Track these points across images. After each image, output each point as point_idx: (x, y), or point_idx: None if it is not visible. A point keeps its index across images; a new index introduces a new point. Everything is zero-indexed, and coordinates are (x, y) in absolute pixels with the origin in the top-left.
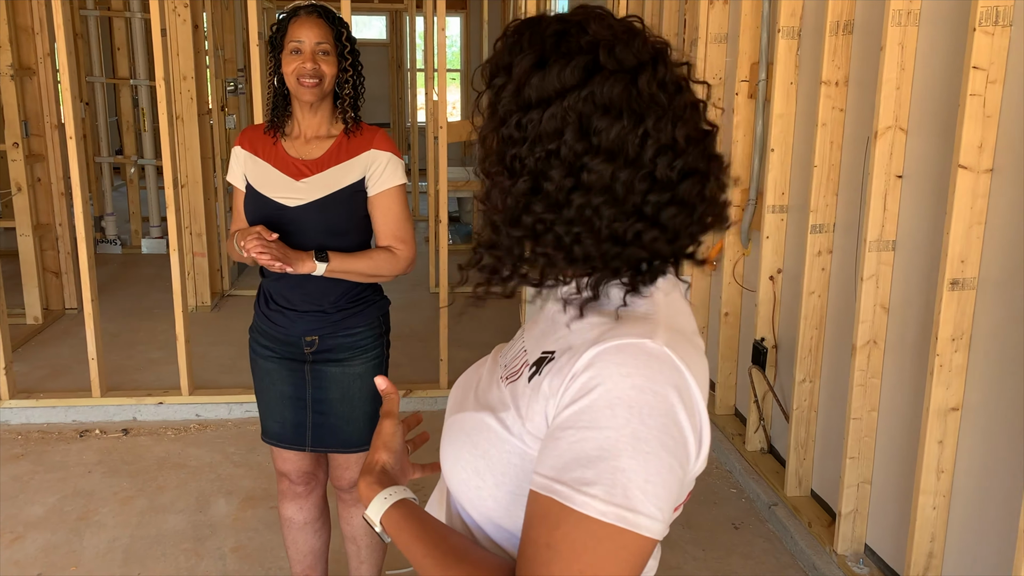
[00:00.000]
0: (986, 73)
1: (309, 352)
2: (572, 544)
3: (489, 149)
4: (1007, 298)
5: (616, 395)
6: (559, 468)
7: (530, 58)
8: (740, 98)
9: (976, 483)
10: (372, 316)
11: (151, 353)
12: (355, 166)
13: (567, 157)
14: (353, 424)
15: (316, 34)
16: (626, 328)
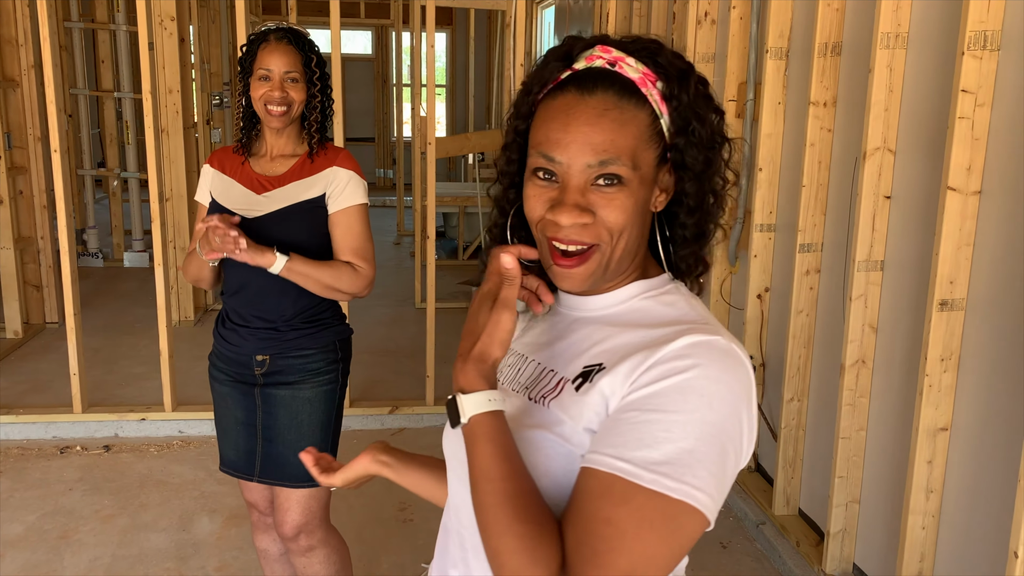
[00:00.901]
0: (974, 96)
1: (260, 373)
2: (638, 521)
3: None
4: (995, 319)
5: (689, 383)
6: (623, 446)
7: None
8: (728, 118)
9: (965, 503)
10: (327, 340)
11: (133, 368)
12: (316, 182)
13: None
14: (286, 448)
15: (285, 62)
16: (695, 327)
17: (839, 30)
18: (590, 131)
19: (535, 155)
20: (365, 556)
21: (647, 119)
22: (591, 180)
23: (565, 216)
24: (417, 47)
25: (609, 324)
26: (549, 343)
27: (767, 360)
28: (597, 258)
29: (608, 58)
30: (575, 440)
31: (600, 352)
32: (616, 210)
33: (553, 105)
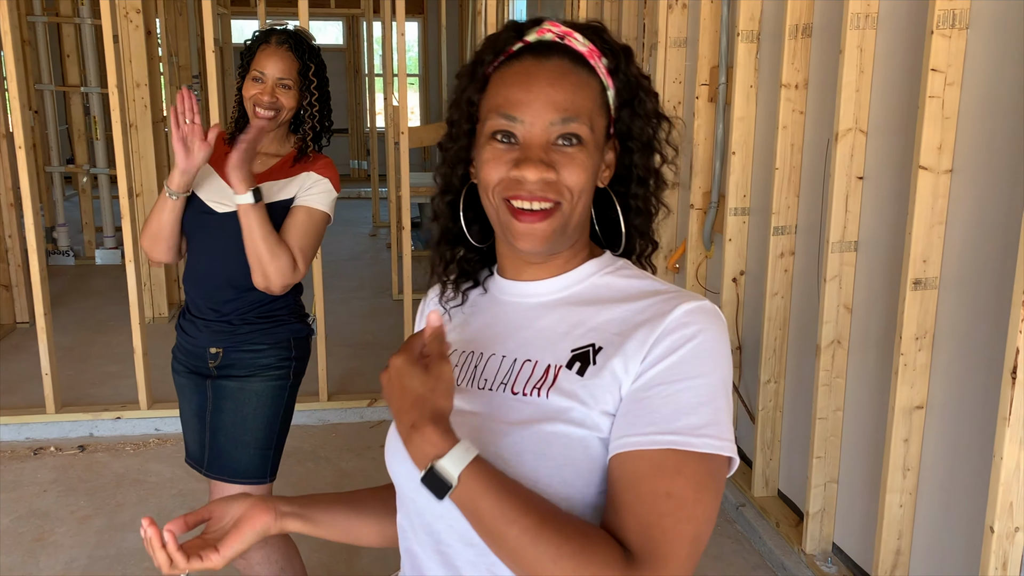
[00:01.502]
0: (944, 75)
1: (213, 366)
2: (696, 486)
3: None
4: (969, 297)
5: (700, 348)
6: (662, 421)
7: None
8: (700, 102)
9: (942, 480)
10: (281, 336)
11: (107, 367)
12: (291, 185)
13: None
14: (243, 450)
15: (280, 68)
16: (679, 294)
17: (809, 12)
18: (551, 90)
19: (494, 118)
20: (347, 549)
21: (597, 87)
22: (552, 139)
23: (531, 171)
24: (388, 36)
25: (579, 304)
26: (508, 334)
27: (743, 343)
28: (559, 216)
29: (557, 32)
30: (590, 423)
31: (586, 332)
32: (577, 169)
33: (510, 71)
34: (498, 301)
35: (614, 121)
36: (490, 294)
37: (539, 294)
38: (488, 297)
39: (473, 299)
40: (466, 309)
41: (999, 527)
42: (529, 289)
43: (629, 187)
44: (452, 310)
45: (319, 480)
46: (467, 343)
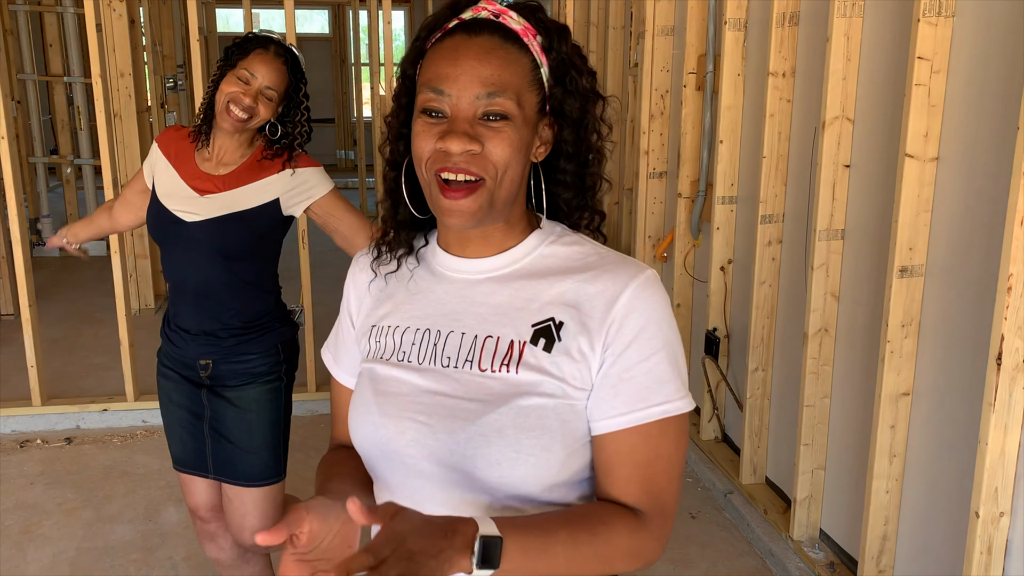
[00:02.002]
0: (930, 63)
1: (205, 376)
2: (676, 440)
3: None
4: (954, 284)
5: (659, 320)
6: (648, 394)
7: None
8: (688, 90)
9: (927, 466)
10: (268, 344)
11: (94, 358)
12: (269, 187)
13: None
14: (255, 455)
15: (271, 78)
16: (621, 263)
17: (796, 0)
18: (478, 65)
19: (424, 92)
20: None
21: (529, 64)
22: (479, 114)
23: (455, 143)
24: (375, 25)
25: (529, 277)
26: (464, 310)
27: (731, 331)
28: (483, 192)
29: (492, 10)
30: (560, 393)
31: (543, 307)
32: (502, 143)
33: (442, 47)
34: (446, 278)
35: (548, 98)
36: (434, 270)
37: (488, 270)
38: (433, 273)
39: (415, 274)
40: (409, 285)
41: (984, 512)
42: (477, 266)
43: (559, 162)
44: (387, 277)
45: (309, 471)
46: (421, 319)
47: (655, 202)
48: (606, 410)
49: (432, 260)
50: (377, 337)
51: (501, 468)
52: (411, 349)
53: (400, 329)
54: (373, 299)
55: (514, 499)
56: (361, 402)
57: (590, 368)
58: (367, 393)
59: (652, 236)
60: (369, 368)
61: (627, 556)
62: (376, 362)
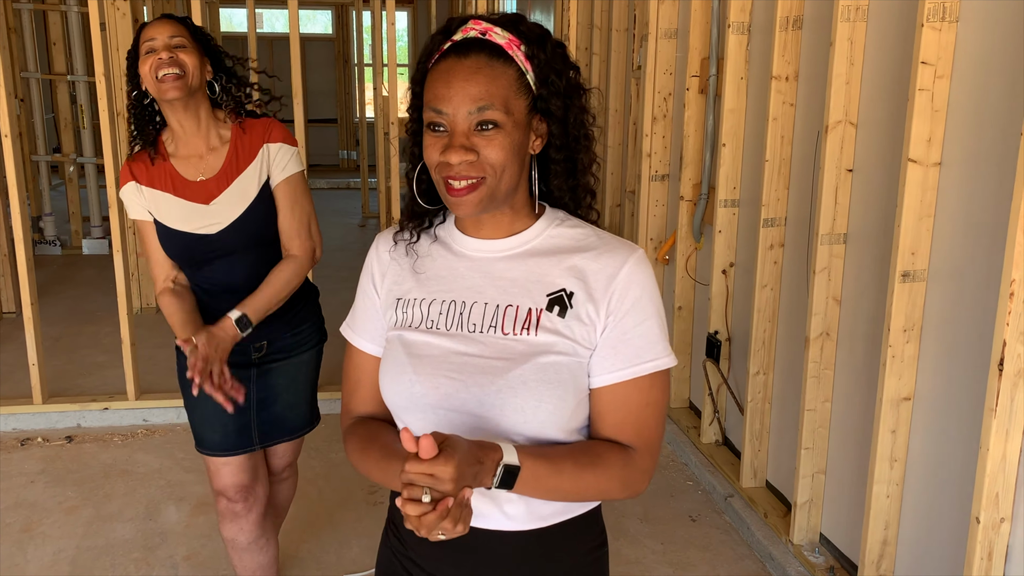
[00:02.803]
0: (934, 68)
1: (257, 357)
2: (662, 390)
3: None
4: (956, 289)
5: (650, 292)
6: (643, 352)
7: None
8: (691, 93)
9: (928, 471)
10: (312, 311)
11: (95, 357)
12: (256, 169)
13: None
14: (296, 410)
15: (168, 30)
16: (619, 246)
17: (800, 4)
18: (467, 85)
19: (428, 111)
20: (336, 539)
21: (515, 74)
22: (473, 126)
23: (454, 156)
24: (378, 26)
25: (541, 255)
26: (485, 284)
27: (733, 334)
28: (484, 188)
29: (479, 29)
30: (572, 352)
31: (555, 280)
32: (495, 149)
33: (437, 70)
34: (466, 256)
35: (536, 98)
36: (454, 251)
37: (504, 249)
38: (453, 253)
39: (436, 254)
40: (431, 264)
41: (985, 518)
42: (495, 246)
43: (549, 152)
44: (410, 251)
45: (309, 471)
46: (446, 292)
47: (657, 205)
48: (607, 366)
49: (451, 242)
50: (404, 308)
51: (525, 414)
52: (439, 318)
53: (427, 301)
54: (394, 274)
55: (532, 442)
56: (395, 363)
57: (596, 330)
58: (401, 355)
59: (654, 239)
60: (398, 335)
61: (620, 484)
62: (405, 330)
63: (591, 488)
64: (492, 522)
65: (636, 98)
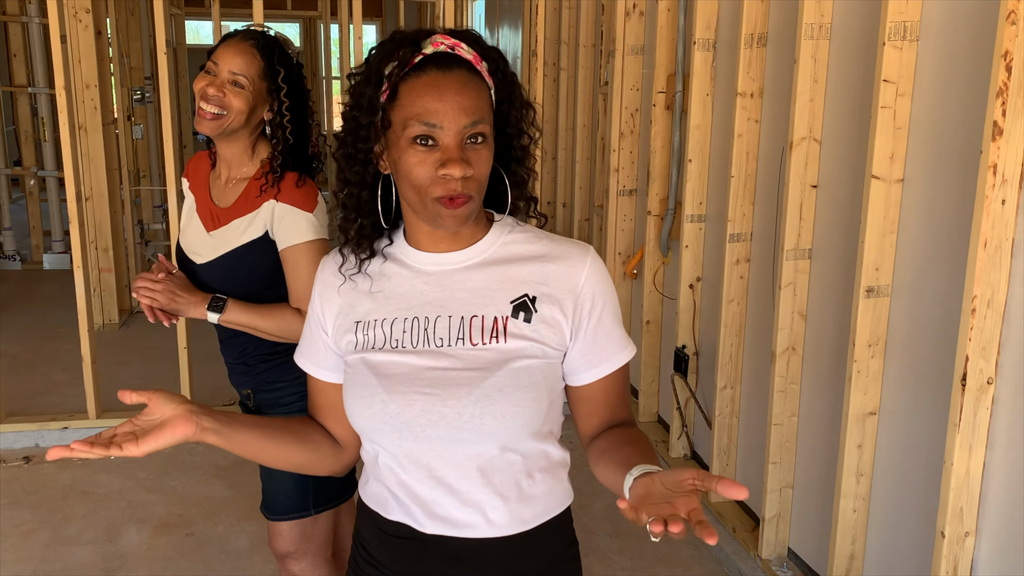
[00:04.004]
0: (896, 86)
1: (251, 405)
2: (629, 373)
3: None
4: (920, 304)
5: (610, 286)
6: (614, 346)
7: None
8: (658, 109)
9: (894, 486)
10: (297, 371)
11: (54, 375)
12: (256, 221)
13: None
14: (278, 486)
15: (237, 62)
16: (573, 247)
17: (764, 21)
18: (460, 98)
19: (414, 125)
20: None
21: (486, 89)
22: (465, 139)
23: (456, 169)
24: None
25: (499, 263)
26: (446, 297)
27: (700, 349)
28: (471, 205)
29: (448, 44)
30: (541, 355)
31: (516, 286)
32: (484, 163)
33: (419, 82)
34: (423, 272)
35: (496, 113)
36: (409, 267)
37: (461, 261)
38: (408, 269)
39: (390, 272)
40: (387, 283)
41: (950, 532)
42: (450, 259)
43: (509, 165)
44: (362, 273)
45: None
46: (406, 310)
47: (625, 219)
48: (592, 362)
49: (404, 258)
50: (364, 331)
51: (505, 420)
52: (403, 336)
53: (388, 321)
54: (347, 300)
55: (510, 446)
56: (363, 386)
57: (563, 331)
58: (368, 378)
59: (622, 253)
60: (361, 358)
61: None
62: (368, 352)
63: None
64: (477, 531)
65: (604, 113)
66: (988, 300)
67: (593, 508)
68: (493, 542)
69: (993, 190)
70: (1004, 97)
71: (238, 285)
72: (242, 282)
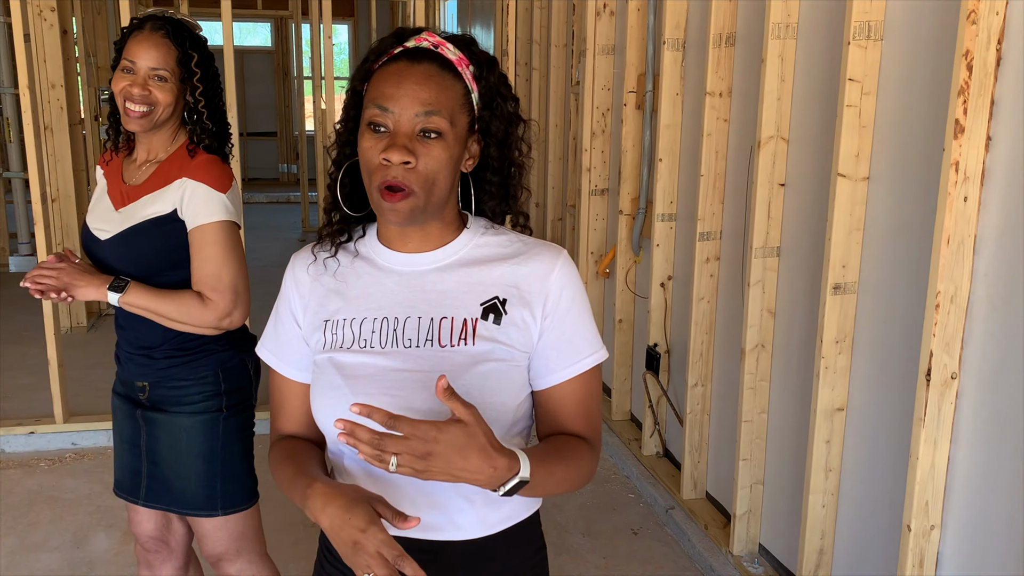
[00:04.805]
0: (861, 85)
1: (144, 398)
2: (599, 380)
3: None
4: (886, 301)
5: (580, 289)
6: (582, 348)
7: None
8: (628, 109)
9: (862, 480)
10: (204, 371)
11: (20, 379)
12: (165, 196)
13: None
14: (184, 483)
15: (154, 57)
16: (543, 249)
17: (733, 21)
18: (418, 88)
19: (371, 107)
20: None
21: (462, 90)
22: (416, 130)
23: (396, 154)
24: (317, 39)
25: (470, 265)
26: (416, 298)
27: (672, 347)
28: (414, 199)
29: (432, 41)
30: (509, 357)
31: (487, 288)
32: (433, 158)
33: (388, 70)
34: (393, 271)
35: (477, 119)
36: (380, 266)
37: (431, 262)
38: (379, 269)
39: (361, 271)
40: (357, 282)
41: (916, 525)
42: (421, 259)
43: (485, 174)
44: (334, 271)
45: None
46: (376, 310)
47: (597, 219)
48: (552, 367)
49: (376, 258)
50: (333, 330)
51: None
52: (372, 336)
53: (357, 320)
54: (318, 296)
55: None
56: (330, 387)
57: (531, 334)
58: (336, 379)
59: (595, 252)
60: (329, 357)
61: (588, 473)
62: (336, 351)
63: (570, 482)
64: (443, 534)
65: (576, 113)
66: (951, 296)
67: (566, 507)
68: (459, 545)
69: (956, 187)
70: (965, 96)
71: (140, 263)
72: (144, 260)
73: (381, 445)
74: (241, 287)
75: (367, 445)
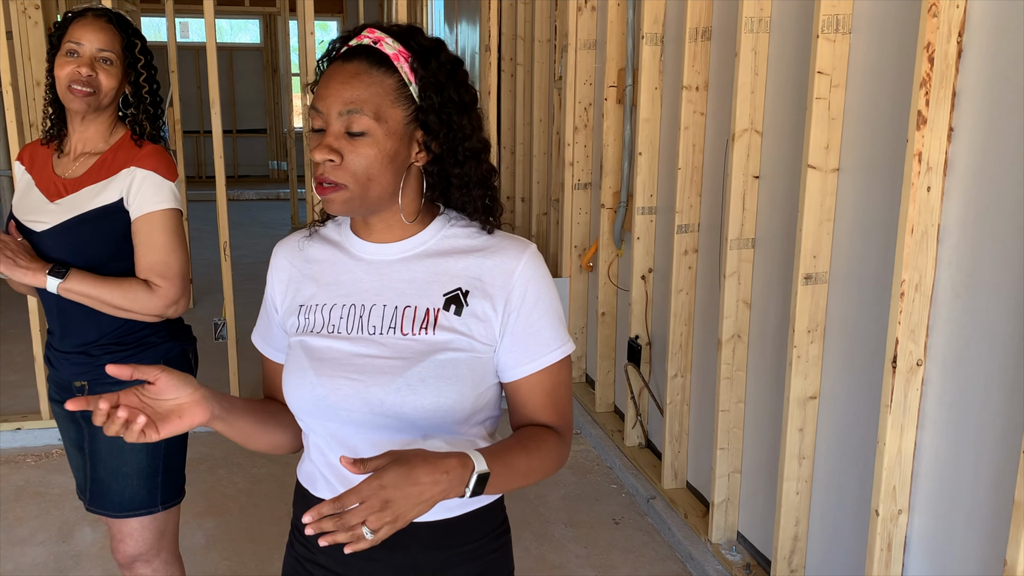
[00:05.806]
0: (830, 78)
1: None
2: (567, 371)
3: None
4: (855, 290)
5: (547, 283)
6: (550, 341)
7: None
8: (609, 103)
9: (834, 467)
10: (147, 363)
11: (7, 376)
12: (112, 185)
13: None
14: (124, 481)
15: (100, 39)
16: (510, 243)
17: (708, 15)
18: (341, 87)
19: (311, 110)
20: (257, 555)
21: (394, 84)
22: (344, 130)
23: (318, 153)
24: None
25: (436, 255)
26: (383, 287)
27: (653, 338)
28: (345, 194)
29: (372, 37)
30: (468, 348)
31: (451, 279)
32: (361, 156)
33: (326, 72)
34: (364, 260)
35: (418, 110)
36: (352, 255)
37: (399, 252)
38: (352, 258)
39: (335, 260)
40: (331, 270)
41: (883, 510)
42: (389, 249)
43: (445, 166)
44: (310, 258)
45: (231, 487)
46: (345, 297)
47: (580, 212)
48: (519, 359)
49: (348, 247)
50: (306, 315)
51: (426, 411)
52: (340, 322)
53: (327, 306)
54: (296, 282)
55: (434, 434)
56: (297, 368)
57: (493, 327)
58: (303, 360)
59: (578, 246)
60: (300, 340)
61: (556, 462)
62: (307, 335)
63: (538, 471)
64: None
65: (559, 108)
66: (916, 284)
67: (549, 498)
68: (421, 527)
69: (919, 177)
70: (927, 87)
71: (83, 254)
72: (87, 250)
73: (346, 524)
74: (182, 280)
75: (339, 532)
